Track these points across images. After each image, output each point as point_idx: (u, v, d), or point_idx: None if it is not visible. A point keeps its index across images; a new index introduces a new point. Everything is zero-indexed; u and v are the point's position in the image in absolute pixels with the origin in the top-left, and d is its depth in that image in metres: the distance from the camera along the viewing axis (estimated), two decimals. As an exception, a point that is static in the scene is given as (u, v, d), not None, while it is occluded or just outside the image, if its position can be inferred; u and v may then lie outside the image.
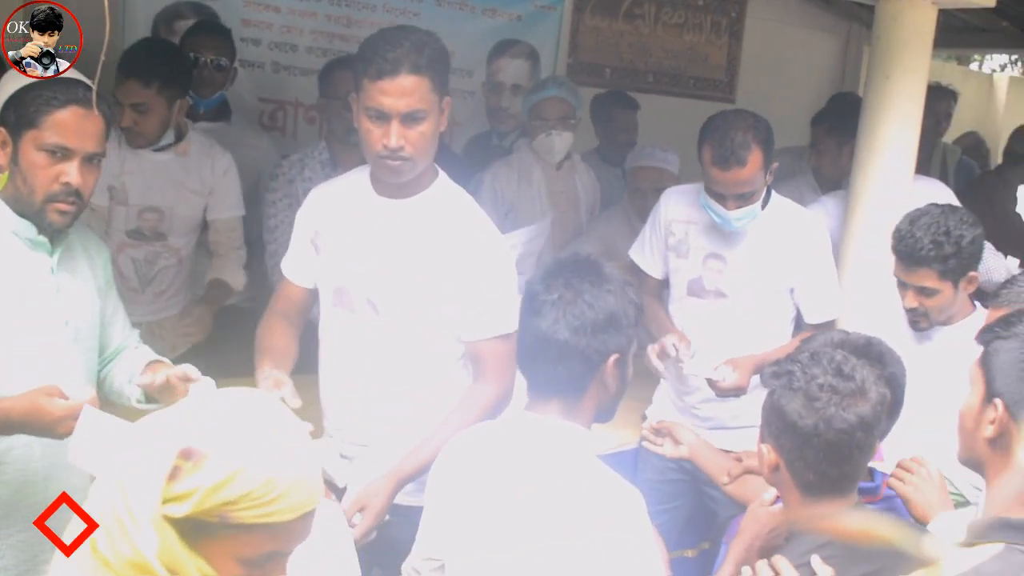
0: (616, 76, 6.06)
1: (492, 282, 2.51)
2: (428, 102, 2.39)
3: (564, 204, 4.38)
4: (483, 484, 2.00)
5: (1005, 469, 1.68)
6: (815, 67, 6.74)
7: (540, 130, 4.21)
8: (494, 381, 2.52)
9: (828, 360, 1.96)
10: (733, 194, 3.10)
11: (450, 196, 2.57)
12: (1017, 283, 2.41)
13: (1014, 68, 19.10)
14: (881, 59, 3.64)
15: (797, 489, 1.96)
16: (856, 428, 1.89)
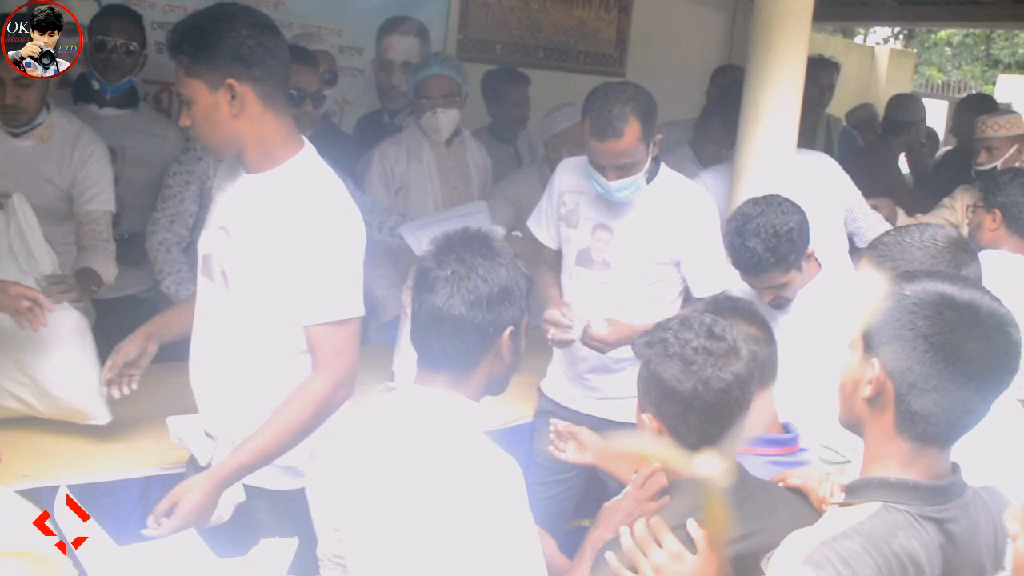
0: (506, 52, 6.07)
1: (330, 265, 2.45)
2: (186, 85, 2.40)
3: (455, 180, 4.37)
4: (371, 458, 2.01)
5: (882, 428, 1.71)
6: (703, 41, 6.83)
7: (426, 108, 4.19)
8: (326, 371, 2.46)
9: (699, 323, 2.02)
10: (612, 164, 3.13)
11: (305, 173, 2.53)
12: (888, 236, 2.45)
13: (896, 41, 19.67)
14: (763, 32, 3.69)
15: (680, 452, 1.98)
16: (733, 386, 1.95)
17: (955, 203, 4.87)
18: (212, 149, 2.57)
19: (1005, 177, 3.81)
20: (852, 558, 1.58)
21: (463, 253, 1.99)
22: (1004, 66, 19.51)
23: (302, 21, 5.14)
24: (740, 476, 2.04)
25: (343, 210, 2.51)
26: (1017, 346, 1.66)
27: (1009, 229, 3.64)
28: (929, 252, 2.29)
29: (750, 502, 2.00)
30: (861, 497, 1.69)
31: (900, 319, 1.66)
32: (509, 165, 5.17)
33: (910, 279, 1.73)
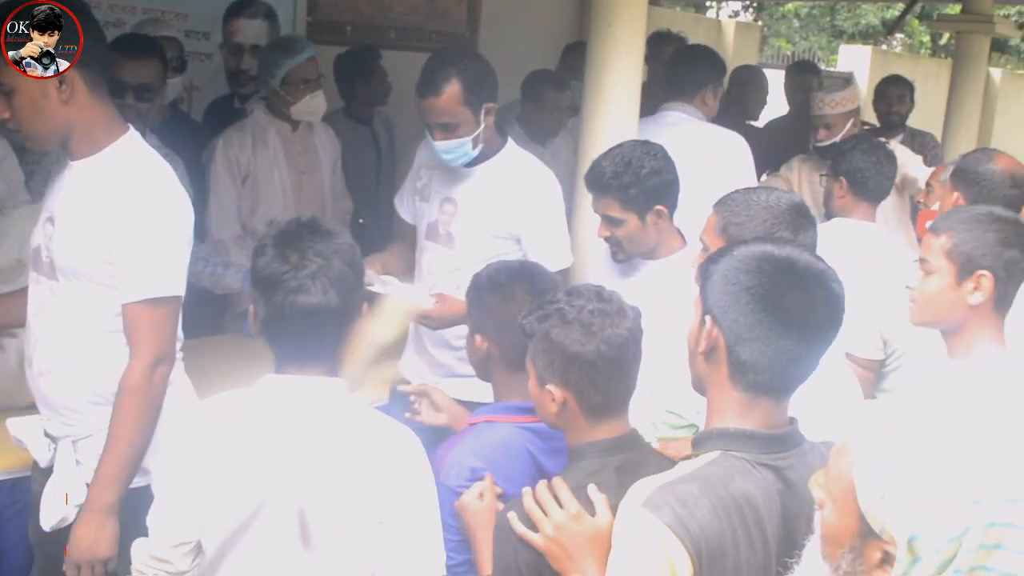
0: (357, 33, 6.06)
1: (148, 243, 2.46)
2: (8, 75, 2.36)
3: (303, 165, 4.34)
4: (258, 450, 2.01)
5: (718, 381, 1.85)
6: (554, 19, 6.93)
7: (303, 93, 4.15)
8: (141, 352, 2.47)
9: (586, 290, 2.12)
10: (434, 123, 3.19)
11: (128, 156, 2.53)
12: (736, 194, 2.55)
13: (746, 14, 20.20)
14: (602, 9, 3.78)
15: (583, 416, 2.08)
16: (629, 341, 2.06)
17: (791, 174, 5.02)
18: (36, 139, 2.52)
19: (847, 145, 3.98)
20: (690, 500, 1.71)
21: (313, 245, 2.01)
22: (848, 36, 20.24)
23: (145, 7, 5.05)
24: (636, 441, 2.15)
25: (165, 191, 2.52)
26: (838, 299, 1.82)
27: (856, 196, 3.78)
28: (772, 213, 2.42)
29: (644, 466, 2.09)
30: (703, 448, 1.83)
31: (727, 276, 1.82)
32: (367, 146, 5.19)
33: (738, 245, 1.92)
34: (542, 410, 2.14)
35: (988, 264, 2.44)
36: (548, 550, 1.95)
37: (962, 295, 2.46)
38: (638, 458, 2.11)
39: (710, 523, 1.71)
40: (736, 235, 2.40)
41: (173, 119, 4.36)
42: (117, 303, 2.50)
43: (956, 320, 2.49)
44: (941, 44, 19.88)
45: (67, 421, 2.59)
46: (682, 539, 1.68)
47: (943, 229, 2.53)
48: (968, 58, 7.03)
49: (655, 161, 2.98)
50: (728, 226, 2.45)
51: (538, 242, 3.32)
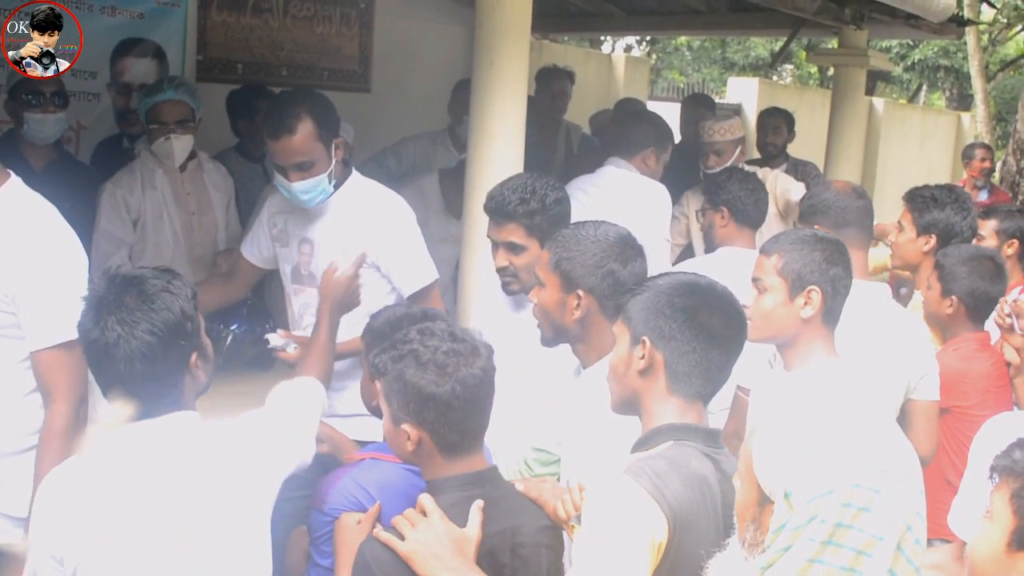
0: (249, 71, 6.06)
1: (52, 289, 2.48)
2: None
3: (193, 205, 4.32)
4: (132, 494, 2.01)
5: (656, 392, 2.06)
6: (446, 55, 7.01)
7: (159, 134, 4.11)
8: (62, 397, 2.50)
9: (439, 330, 2.17)
10: (289, 164, 3.18)
11: (16, 201, 2.53)
12: (567, 230, 2.66)
13: (639, 47, 20.60)
14: (484, 47, 3.88)
15: (440, 453, 2.13)
16: (483, 380, 2.14)
17: (685, 209, 5.19)
18: None
19: (723, 176, 4.18)
20: (662, 473, 1.90)
21: (117, 312, 2.00)
22: (739, 68, 20.78)
23: (29, 46, 5.00)
24: (495, 477, 2.22)
25: (60, 235, 2.53)
26: (743, 317, 2.13)
27: (738, 224, 3.95)
28: (601, 246, 2.55)
29: (504, 500, 2.19)
30: (652, 444, 2.02)
31: (659, 300, 2.07)
32: (258, 184, 5.18)
33: (660, 277, 2.18)
34: (397, 448, 2.19)
35: (816, 280, 2.62)
36: (412, 554, 2.00)
37: (795, 310, 2.63)
38: (498, 494, 2.18)
39: (681, 493, 1.88)
40: (568, 270, 2.53)
41: (59, 160, 4.32)
42: (15, 354, 2.50)
43: (791, 334, 2.66)
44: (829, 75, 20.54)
45: None
46: (660, 505, 1.85)
47: (773, 250, 2.70)
48: (846, 90, 7.30)
49: (558, 192, 3.05)
50: (560, 261, 2.55)
51: (398, 265, 3.33)
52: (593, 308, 2.52)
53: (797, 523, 1.53)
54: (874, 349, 2.94)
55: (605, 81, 9.95)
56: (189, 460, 2.06)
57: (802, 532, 1.53)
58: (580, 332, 2.56)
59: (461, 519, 2.07)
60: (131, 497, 2.00)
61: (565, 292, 2.55)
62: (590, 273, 2.52)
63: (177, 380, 2.07)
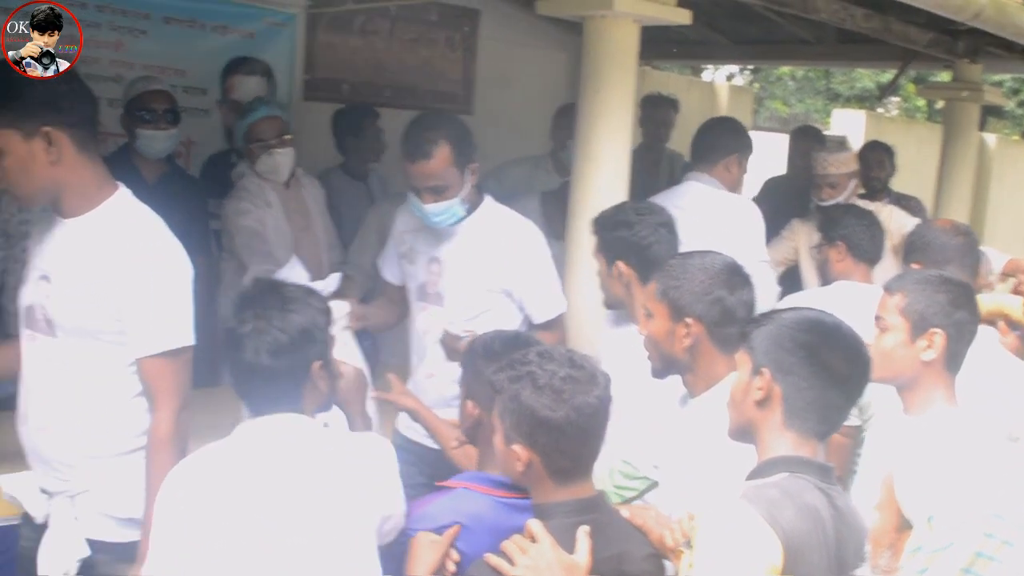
0: (354, 91, 6.14)
1: (157, 297, 2.52)
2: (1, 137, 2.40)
3: (300, 220, 4.40)
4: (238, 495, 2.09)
5: (772, 425, 2.06)
6: (548, 80, 7.02)
7: (261, 151, 4.21)
8: (166, 404, 2.55)
9: (559, 354, 2.15)
10: (424, 187, 3.25)
11: (124, 211, 2.58)
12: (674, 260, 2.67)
13: (741, 76, 20.42)
14: (590, 74, 3.86)
15: (550, 478, 2.11)
16: (599, 409, 2.11)
17: (792, 235, 5.11)
18: (24, 198, 2.56)
19: (839, 212, 4.19)
20: (776, 501, 1.91)
21: (258, 308, 2.17)
22: (844, 99, 20.44)
23: (144, 62, 5.13)
24: (603, 502, 2.21)
25: (165, 245, 2.58)
26: (867, 359, 2.10)
27: (855, 259, 3.94)
28: (708, 274, 2.55)
29: (611, 527, 2.18)
30: (767, 474, 2.01)
31: (782, 334, 2.07)
32: (362, 202, 5.24)
33: (786, 310, 2.17)
34: (507, 467, 2.17)
35: (940, 322, 2.53)
36: None
37: (915, 352, 2.55)
38: (605, 520, 2.16)
39: (795, 523, 1.88)
40: (676, 298, 2.54)
41: (170, 174, 4.41)
42: (122, 359, 2.54)
43: (910, 376, 2.57)
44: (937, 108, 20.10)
45: (63, 477, 2.61)
46: (775, 530, 1.85)
47: (897, 288, 2.63)
48: (958, 125, 7.10)
49: (632, 216, 3.07)
50: (668, 290, 2.56)
51: (531, 292, 3.40)
52: (702, 336, 2.51)
53: (935, 546, 1.57)
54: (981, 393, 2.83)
55: (708, 109, 9.85)
56: (298, 461, 2.13)
57: (940, 556, 1.56)
58: (689, 361, 2.54)
59: (568, 545, 2.06)
60: (241, 491, 2.08)
61: (673, 321, 2.54)
62: (698, 300, 2.51)
63: (298, 383, 2.20)
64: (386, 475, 2.24)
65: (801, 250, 5.03)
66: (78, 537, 2.58)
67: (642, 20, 3.90)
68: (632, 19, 3.85)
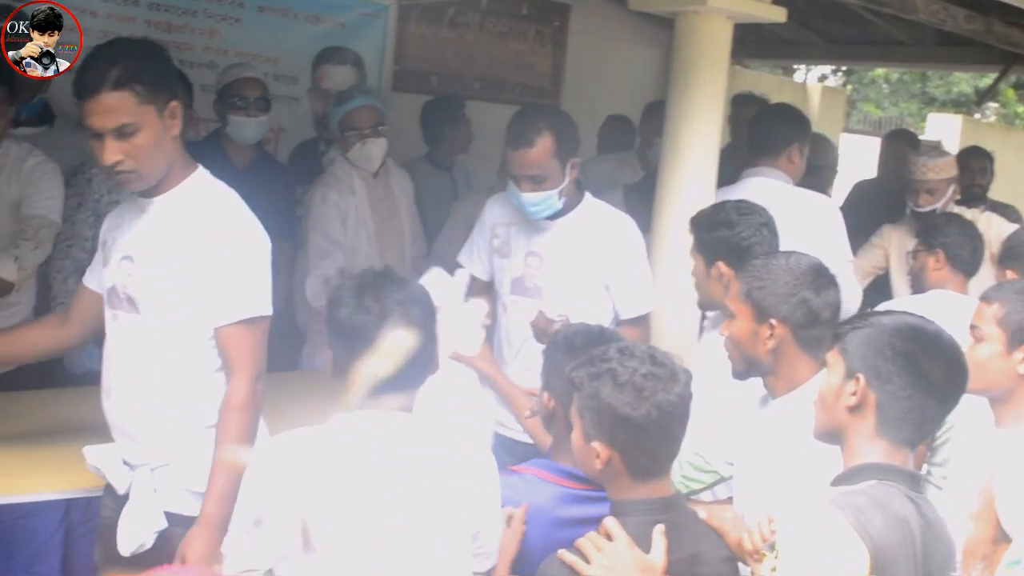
0: (443, 83, 6.16)
1: (236, 267, 2.56)
2: (137, 114, 2.45)
3: (385, 210, 4.41)
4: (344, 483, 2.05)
5: (863, 432, 2.00)
6: (637, 76, 6.98)
7: (354, 140, 4.23)
8: (242, 373, 2.56)
9: (640, 351, 2.14)
10: (524, 175, 3.28)
11: (203, 189, 2.64)
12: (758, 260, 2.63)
13: (834, 77, 20.07)
14: (681, 71, 3.82)
15: (628, 475, 2.10)
16: (679, 407, 2.09)
17: (883, 242, 4.99)
18: (147, 177, 2.57)
19: (941, 220, 4.09)
20: (865, 508, 1.87)
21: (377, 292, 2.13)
22: (939, 104, 19.97)
23: (237, 50, 5.21)
24: (680, 501, 2.20)
25: (242, 218, 2.62)
26: (966, 370, 2.04)
27: (953, 268, 3.85)
28: (793, 274, 2.51)
29: (687, 527, 2.16)
30: (855, 480, 1.97)
31: (881, 340, 2.00)
32: (447, 193, 5.27)
33: (884, 314, 2.10)
34: (585, 464, 2.16)
35: None
36: None
37: (1012, 363, 2.50)
38: (681, 520, 2.14)
39: (883, 531, 1.84)
40: (760, 299, 2.50)
41: (259, 160, 4.47)
42: (203, 334, 2.59)
43: (1004, 388, 2.52)
44: (1036, 115, 19.55)
45: (145, 449, 2.67)
46: (863, 539, 1.81)
47: (995, 298, 2.57)
48: (1060, 131, 6.90)
49: (733, 216, 3.04)
50: (751, 291, 2.52)
51: (625, 287, 3.42)
52: (786, 338, 2.47)
53: None
54: None
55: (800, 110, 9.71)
56: (406, 458, 2.10)
57: None
58: (772, 363, 2.51)
59: (643, 543, 2.05)
60: (364, 471, 2.06)
61: (757, 322, 2.50)
62: (783, 302, 2.47)
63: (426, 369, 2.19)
64: (484, 491, 2.19)
65: (892, 257, 4.92)
66: (157, 509, 2.62)
67: (736, 17, 3.85)
68: (726, 15, 3.81)
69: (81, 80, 2.44)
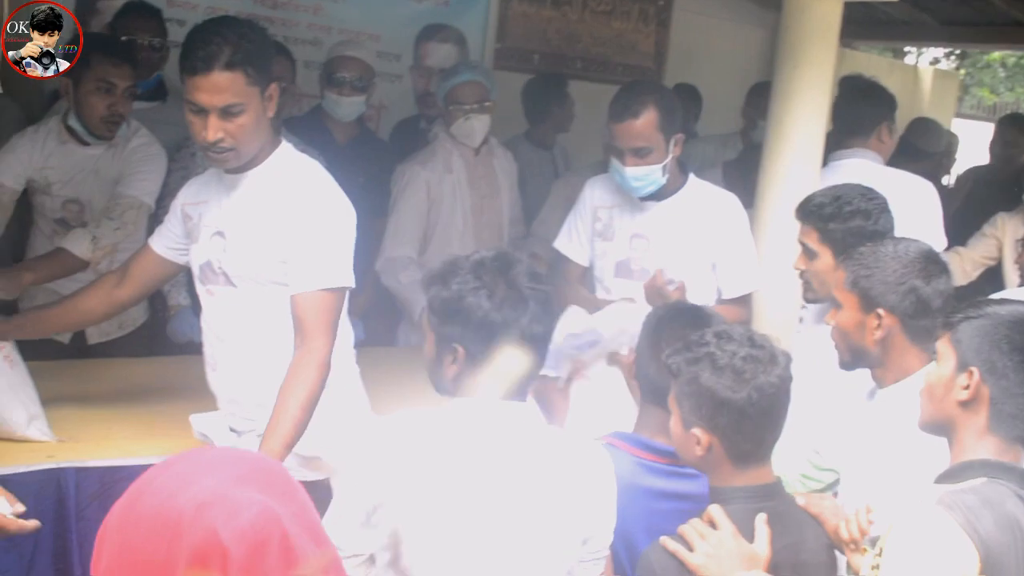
0: (544, 62, 6.13)
1: (316, 236, 2.56)
2: (245, 95, 2.48)
3: (485, 189, 4.41)
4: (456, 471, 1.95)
5: (975, 427, 1.94)
6: (743, 57, 6.85)
7: (457, 115, 4.22)
8: (310, 338, 2.52)
9: (738, 335, 2.09)
10: (629, 148, 3.25)
11: (289, 163, 2.67)
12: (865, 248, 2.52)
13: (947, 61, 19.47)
14: (788, 50, 3.71)
15: (730, 461, 2.07)
16: (780, 390, 2.05)
17: (997, 231, 4.83)
18: (244, 155, 2.60)
19: None
20: (975, 508, 1.81)
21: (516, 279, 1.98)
22: (1058, 89, 19.25)
23: (340, 27, 5.27)
24: (781, 489, 2.15)
25: (327, 190, 2.64)
26: None
27: None
28: (901, 262, 2.42)
29: (788, 515, 2.13)
30: (963, 477, 1.91)
31: (997, 332, 1.94)
32: (547, 172, 5.26)
33: (1000, 304, 2.02)
34: (685, 452, 2.12)
35: None
36: (701, 568, 1.96)
37: None
38: (782, 508, 2.11)
39: (993, 533, 1.79)
40: (866, 287, 2.42)
41: (360, 136, 4.50)
42: None
43: None
44: None
45: (251, 416, 2.72)
46: (973, 541, 1.76)
47: None
48: None
49: (867, 204, 2.91)
50: (858, 280, 2.45)
51: (731, 267, 3.42)
52: (895, 328, 2.40)
53: None
54: None
55: (910, 94, 9.43)
56: (521, 454, 1.99)
57: None
58: (880, 354, 2.44)
59: (745, 531, 2.02)
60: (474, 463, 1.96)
61: (864, 312, 2.43)
62: (891, 291, 2.40)
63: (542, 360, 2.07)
64: (600, 494, 2.06)
65: (1006, 247, 4.75)
66: None
67: (847, -5, 3.73)
68: (836, -7, 3.69)
69: (191, 56, 2.46)
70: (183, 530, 1.23)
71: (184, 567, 1.22)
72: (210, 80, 2.45)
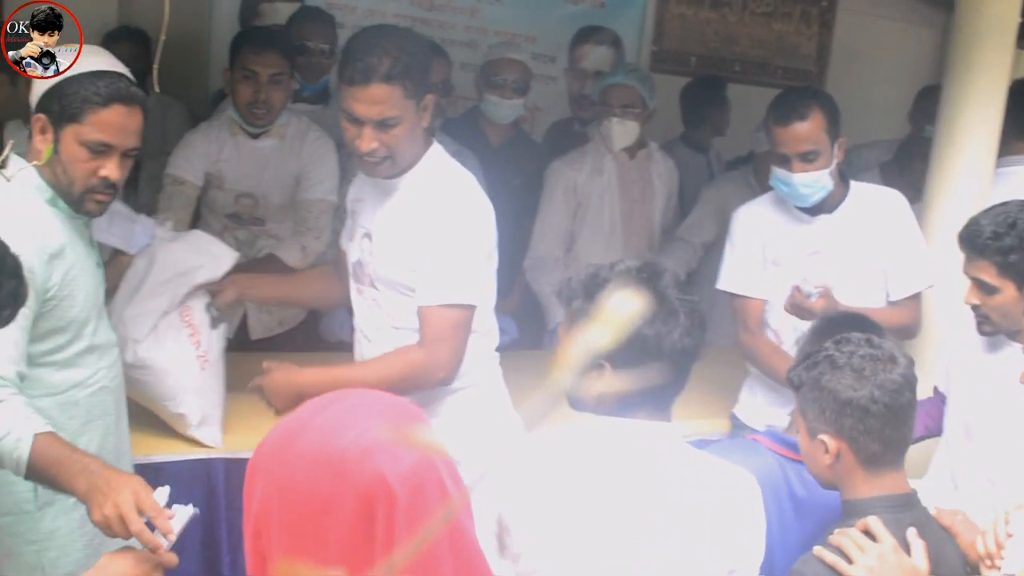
0: (701, 64, 6.05)
1: (447, 250, 2.55)
2: (401, 108, 2.48)
3: (636, 194, 4.35)
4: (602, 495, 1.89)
5: None
6: (911, 60, 6.59)
7: (604, 115, 4.21)
8: (427, 346, 2.54)
9: (855, 338, 2.07)
10: (796, 153, 3.13)
11: (435, 170, 2.65)
12: None
13: None
14: (961, 51, 3.55)
15: (861, 467, 2.02)
16: (904, 387, 2.02)
17: None
18: (399, 165, 2.61)
19: None
20: None
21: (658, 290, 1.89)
22: None
23: (497, 28, 5.29)
24: (918, 499, 2.10)
25: (469, 202, 2.62)
26: None
27: None
28: None
29: (929, 528, 2.07)
30: None
31: None
32: (702, 174, 5.17)
33: None
34: (814, 464, 2.08)
35: None
36: None
37: None
38: (923, 519, 2.06)
39: None
40: None
41: (515, 138, 4.51)
42: None
43: None
44: None
45: None
46: None
47: None
48: None
49: None
50: None
51: (902, 268, 3.30)
52: None
53: None
54: None
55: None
56: (666, 478, 1.91)
57: None
58: None
59: None
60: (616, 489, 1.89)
61: None
62: None
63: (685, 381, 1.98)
64: (748, 523, 1.96)
65: None
66: None
67: (1026, -7, 3.53)
68: (1015, -9, 3.50)
69: (351, 66, 2.47)
70: (348, 470, 1.37)
71: (352, 505, 1.36)
72: (368, 92, 2.46)
